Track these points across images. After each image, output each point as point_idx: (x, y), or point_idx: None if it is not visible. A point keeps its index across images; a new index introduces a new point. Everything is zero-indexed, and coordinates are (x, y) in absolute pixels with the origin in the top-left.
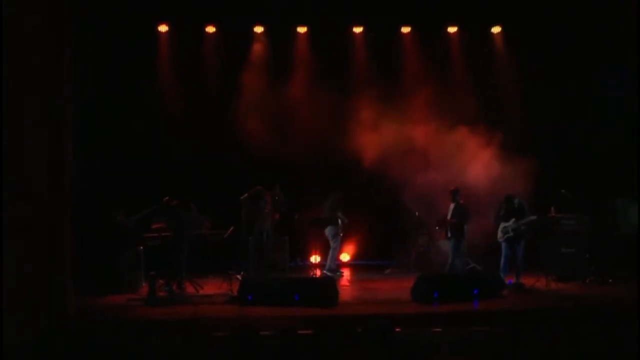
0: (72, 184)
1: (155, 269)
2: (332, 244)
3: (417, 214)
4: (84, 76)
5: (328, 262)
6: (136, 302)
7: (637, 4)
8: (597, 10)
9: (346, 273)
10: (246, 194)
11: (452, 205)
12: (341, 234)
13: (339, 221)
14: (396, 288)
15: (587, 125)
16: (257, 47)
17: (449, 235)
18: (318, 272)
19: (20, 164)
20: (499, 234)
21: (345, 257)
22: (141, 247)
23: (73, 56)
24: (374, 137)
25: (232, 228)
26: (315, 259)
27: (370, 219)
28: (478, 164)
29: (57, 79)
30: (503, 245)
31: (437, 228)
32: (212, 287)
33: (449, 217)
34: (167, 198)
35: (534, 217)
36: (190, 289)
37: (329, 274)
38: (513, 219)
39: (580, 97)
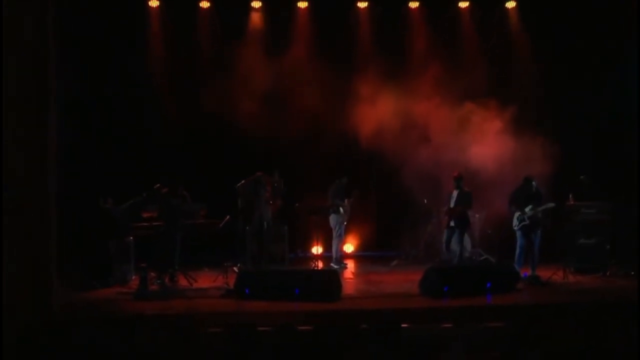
0: (58, 172)
1: (146, 261)
2: (334, 233)
3: (425, 201)
4: (70, 57)
5: (334, 254)
6: (126, 296)
7: (637, 4)
8: None
9: (350, 265)
10: (243, 181)
11: (455, 193)
12: (344, 223)
13: (340, 210)
14: (403, 281)
15: (608, 104)
16: (255, 23)
17: (453, 224)
18: (320, 264)
19: None
20: (514, 222)
21: (348, 248)
22: (131, 238)
23: (58, 35)
24: (380, 117)
25: (228, 217)
26: (316, 250)
27: (375, 207)
28: (489, 145)
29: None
30: (518, 234)
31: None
32: (207, 280)
33: (452, 204)
34: (158, 185)
35: (552, 204)
36: (183, 282)
37: (334, 266)
38: (530, 206)
39: (599, 75)
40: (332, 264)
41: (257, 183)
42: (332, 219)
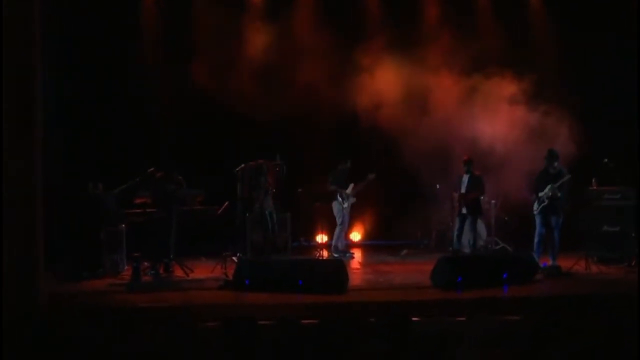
0: (44, 156)
1: (139, 250)
2: (337, 221)
3: (437, 186)
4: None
5: (334, 242)
6: (117, 288)
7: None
8: None
9: (357, 254)
10: (243, 165)
11: (465, 177)
12: (345, 210)
13: (338, 197)
14: (414, 271)
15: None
16: None
17: (465, 211)
18: (324, 254)
19: None
20: (534, 206)
21: (355, 236)
22: (123, 225)
23: (45, 17)
24: (386, 91)
25: (226, 203)
26: (321, 238)
27: (383, 192)
28: (505, 121)
29: (25, 43)
30: (537, 220)
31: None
32: (204, 271)
33: (462, 190)
34: (152, 169)
35: (568, 176)
36: (179, 273)
37: (335, 255)
38: (549, 186)
39: (626, 46)
40: (332, 253)
41: (257, 171)
42: (334, 207)
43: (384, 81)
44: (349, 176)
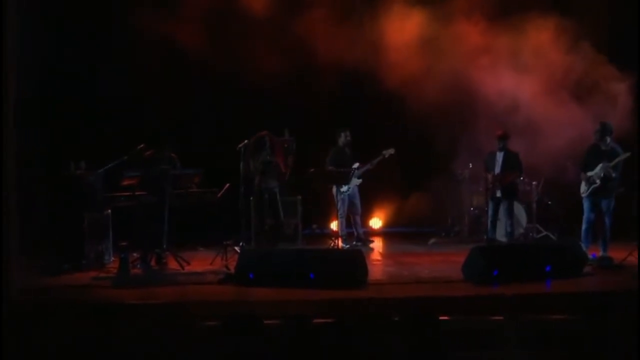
0: (17, 130)
1: (128, 239)
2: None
3: (470, 165)
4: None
5: (357, 230)
6: (102, 282)
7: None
8: None
9: (378, 244)
10: (246, 141)
11: (499, 155)
12: (343, 195)
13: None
14: (443, 263)
15: None
16: None
17: (500, 194)
18: (340, 243)
19: None
20: (582, 187)
21: (376, 223)
22: (109, 211)
23: None
24: (403, 48)
25: (227, 185)
26: (336, 225)
27: (407, 172)
28: (550, 86)
29: None
30: (585, 204)
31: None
32: (202, 263)
33: (497, 170)
34: (142, 145)
35: (626, 154)
36: (173, 265)
37: (344, 245)
38: (600, 165)
39: None
40: (354, 242)
41: (260, 145)
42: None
43: (395, 32)
44: (362, 151)
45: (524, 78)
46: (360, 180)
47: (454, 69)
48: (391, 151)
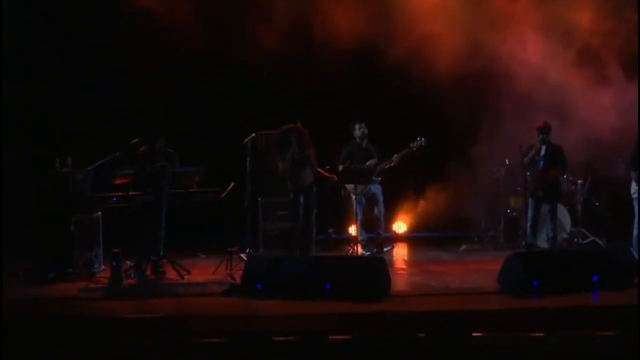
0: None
1: (120, 245)
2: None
3: (507, 161)
4: None
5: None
6: (92, 293)
7: None
8: None
9: (401, 250)
10: (254, 134)
11: (541, 148)
12: (357, 199)
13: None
14: (476, 272)
15: None
16: None
17: (541, 194)
18: (359, 249)
19: None
20: (633, 187)
21: (400, 227)
22: (99, 213)
23: None
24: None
25: (232, 184)
26: (355, 229)
27: (435, 171)
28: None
29: None
30: (636, 207)
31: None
32: (204, 271)
33: (539, 166)
34: (135, 140)
35: None
36: (171, 274)
37: (364, 252)
38: None
39: None
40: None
41: (282, 139)
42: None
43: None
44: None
45: (556, 48)
46: (379, 179)
47: (478, 40)
48: (421, 143)
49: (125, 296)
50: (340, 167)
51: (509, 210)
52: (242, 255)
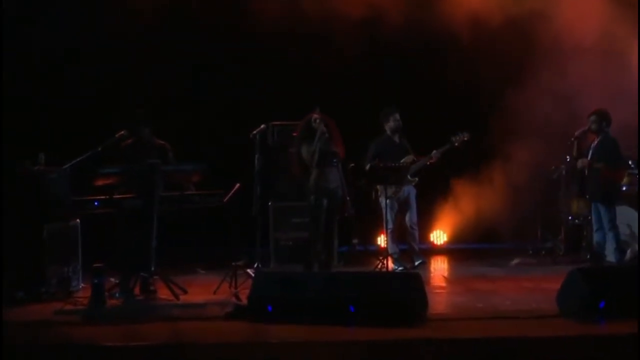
0: None
1: (103, 259)
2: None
3: (568, 158)
4: None
5: (414, 245)
6: (69, 316)
7: None
8: None
9: (440, 264)
10: (263, 126)
11: (593, 139)
12: (390, 202)
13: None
14: (531, 291)
15: None
16: None
17: (594, 195)
18: (390, 264)
19: None
20: None
21: (439, 237)
22: (77, 220)
23: None
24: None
25: (237, 186)
26: (384, 240)
27: (481, 170)
28: None
29: None
30: None
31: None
32: (203, 290)
33: (589, 159)
34: (121, 132)
35: None
36: (164, 293)
37: (418, 262)
38: None
39: None
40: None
41: (306, 130)
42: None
43: None
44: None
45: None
46: (416, 179)
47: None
48: (464, 137)
49: (109, 320)
50: (368, 166)
51: (570, 217)
52: (249, 271)
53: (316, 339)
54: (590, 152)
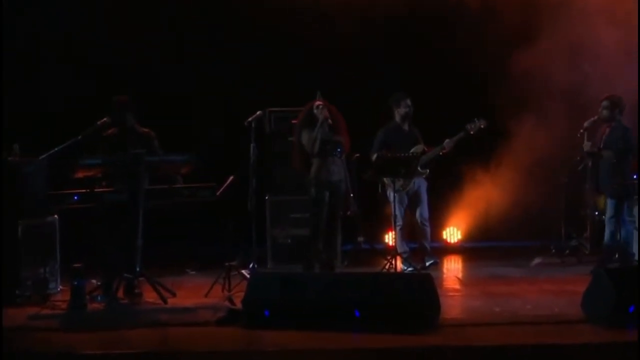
0: None
1: (83, 258)
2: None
3: (589, 145)
4: None
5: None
6: (46, 321)
7: None
8: None
9: (454, 264)
10: (259, 112)
11: (605, 127)
12: (399, 196)
13: None
14: (554, 294)
15: None
16: None
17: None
18: (399, 263)
19: None
20: None
21: (453, 234)
22: (55, 216)
23: None
24: None
25: (231, 178)
26: (392, 237)
27: (499, 161)
28: None
29: None
30: None
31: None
32: (194, 293)
33: (600, 147)
34: (103, 120)
35: None
36: (150, 297)
37: (428, 263)
38: None
39: None
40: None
41: (307, 118)
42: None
43: None
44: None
45: None
46: (427, 171)
47: None
48: (480, 124)
49: (90, 326)
50: (375, 156)
51: (597, 212)
52: (243, 271)
53: (317, 347)
54: (602, 143)
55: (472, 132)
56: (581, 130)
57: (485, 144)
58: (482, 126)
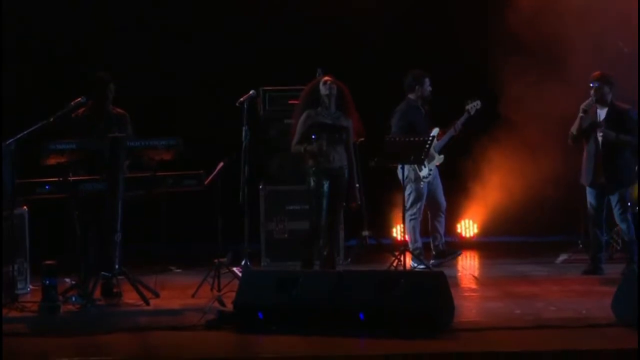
0: None
1: (56, 255)
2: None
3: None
4: None
5: (436, 241)
6: (15, 325)
7: None
8: None
9: (470, 261)
10: (252, 92)
11: (600, 112)
12: (419, 183)
13: None
14: (581, 295)
15: None
16: None
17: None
18: (408, 260)
19: None
20: None
21: (469, 228)
22: (24, 207)
23: None
24: None
25: (221, 164)
26: (401, 231)
27: (519, 146)
28: None
29: None
30: None
31: None
32: (179, 293)
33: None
34: (78, 99)
35: None
36: (131, 297)
37: (415, 265)
38: None
39: None
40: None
41: (310, 96)
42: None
43: None
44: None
45: None
46: (442, 158)
47: None
48: (476, 104)
49: (64, 330)
50: (394, 139)
51: (629, 204)
52: (234, 269)
53: (316, 353)
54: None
55: (472, 112)
56: (581, 114)
57: (502, 128)
58: (478, 106)
